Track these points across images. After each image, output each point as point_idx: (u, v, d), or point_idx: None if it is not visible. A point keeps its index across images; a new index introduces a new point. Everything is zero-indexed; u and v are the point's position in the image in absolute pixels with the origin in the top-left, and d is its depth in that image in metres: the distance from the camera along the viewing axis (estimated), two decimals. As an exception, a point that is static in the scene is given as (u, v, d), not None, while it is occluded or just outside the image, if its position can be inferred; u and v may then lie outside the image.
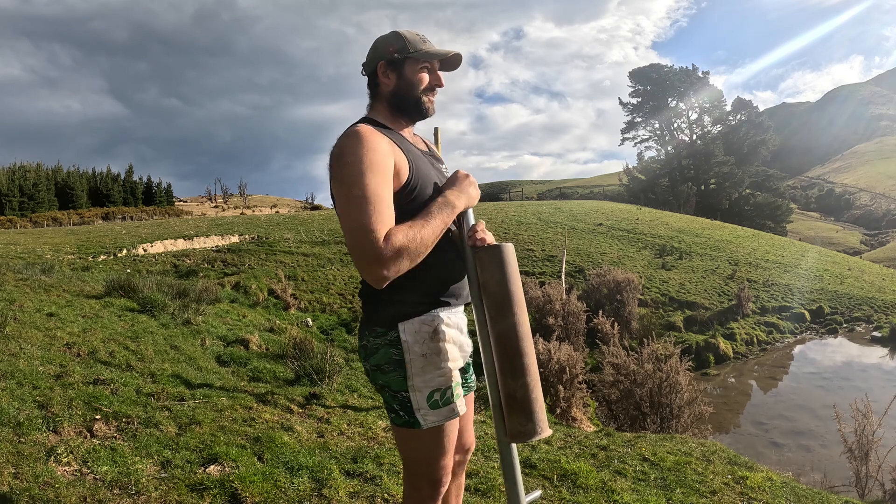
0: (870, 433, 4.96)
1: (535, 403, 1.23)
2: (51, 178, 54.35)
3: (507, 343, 1.24)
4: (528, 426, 1.22)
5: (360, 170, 1.25)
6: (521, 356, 1.23)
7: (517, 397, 1.22)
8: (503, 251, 1.29)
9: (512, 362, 1.23)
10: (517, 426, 1.23)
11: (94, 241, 15.91)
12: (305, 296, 11.21)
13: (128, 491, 2.29)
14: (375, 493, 2.67)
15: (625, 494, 3.03)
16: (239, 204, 68.48)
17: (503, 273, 1.27)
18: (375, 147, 1.29)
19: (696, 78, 55.50)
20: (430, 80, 1.47)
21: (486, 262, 1.28)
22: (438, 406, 1.37)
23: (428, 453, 1.41)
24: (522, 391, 1.22)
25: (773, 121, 66.99)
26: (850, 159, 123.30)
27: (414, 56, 1.42)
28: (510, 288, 1.27)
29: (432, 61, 1.46)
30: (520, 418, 1.23)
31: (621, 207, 34.90)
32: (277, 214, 36.28)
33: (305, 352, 5.26)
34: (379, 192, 1.24)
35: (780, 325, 14.61)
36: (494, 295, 1.26)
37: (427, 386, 1.36)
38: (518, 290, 1.28)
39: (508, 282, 1.27)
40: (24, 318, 4.58)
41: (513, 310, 1.25)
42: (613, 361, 6.85)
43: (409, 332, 1.36)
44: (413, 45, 1.43)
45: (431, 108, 1.48)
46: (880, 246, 55.77)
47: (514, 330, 1.24)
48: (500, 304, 1.25)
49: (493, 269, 1.27)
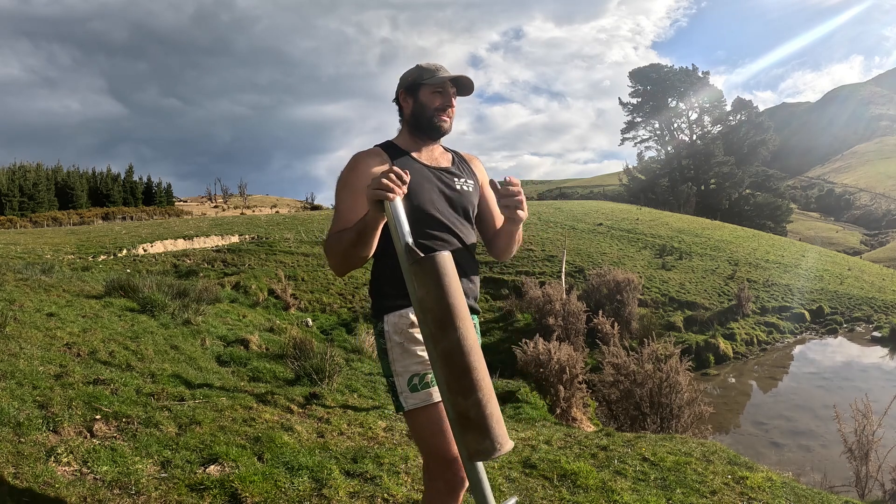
0: (870, 433, 4.96)
1: (489, 419, 1.15)
2: (51, 178, 54.37)
3: (453, 361, 1.16)
4: (486, 444, 1.15)
5: (338, 187, 1.60)
6: (469, 372, 1.15)
7: (470, 416, 1.15)
8: (437, 263, 1.19)
9: (460, 381, 1.16)
10: (474, 445, 1.16)
11: (94, 241, 15.91)
12: (305, 296, 11.21)
13: (128, 491, 2.29)
14: (375, 493, 2.68)
15: (625, 494, 3.03)
16: (239, 204, 68.50)
17: (440, 288, 1.17)
18: (356, 169, 1.59)
19: (696, 78, 55.51)
20: (441, 101, 1.66)
21: (420, 275, 1.19)
22: (417, 389, 1.51)
23: (423, 433, 1.53)
24: (475, 409, 1.14)
25: (773, 121, 67.02)
26: (850, 159, 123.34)
27: (428, 82, 1.64)
28: (449, 302, 1.17)
29: (444, 86, 1.66)
30: (476, 437, 1.16)
31: (621, 207, 34.91)
32: (277, 214, 36.29)
33: (305, 352, 5.25)
34: (340, 206, 1.57)
35: (780, 326, 14.62)
36: (433, 311, 1.18)
37: (407, 371, 1.53)
38: (459, 302, 1.18)
39: (447, 296, 1.17)
40: (24, 318, 4.58)
41: (454, 325, 1.16)
42: (613, 361, 6.85)
43: (390, 323, 1.56)
44: (427, 72, 1.66)
45: (445, 125, 1.68)
46: (880, 246, 55.81)
47: (459, 346, 1.16)
48: (440, 320, 1.17)
49: (428, 284, 1.18)
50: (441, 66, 1.68)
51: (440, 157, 1.73)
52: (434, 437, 1.49)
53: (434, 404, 1.50)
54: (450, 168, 1.71)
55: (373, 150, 1.67)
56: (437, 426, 1.49)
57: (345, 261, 1.49)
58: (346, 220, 1.51)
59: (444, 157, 1.74)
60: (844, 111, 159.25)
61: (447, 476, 1.50)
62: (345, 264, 1.50)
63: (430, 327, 1.19)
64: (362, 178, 1.52)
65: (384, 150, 1.66)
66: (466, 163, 1.80)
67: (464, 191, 1.68)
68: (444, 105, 1.66)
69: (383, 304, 1.58)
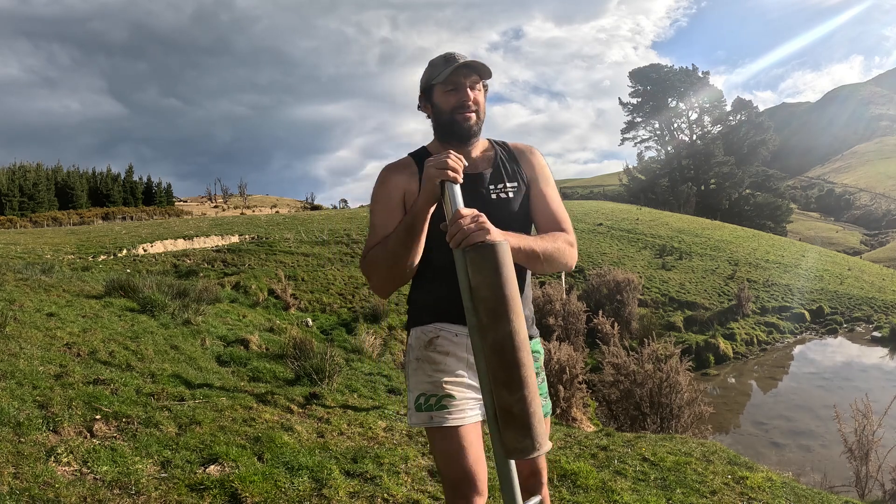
0: (870, 433, 4.96)
1: (532, 418, 1.12)
2: (51, 178, 54.38)
3: (503, 353, 1.13)
4: (526, 442, 1.12)
5: (372, 203, 1.53)
6: (519, 367, 1.12)
7: (514, 412, 1.11)
8: (497, 251, 1.15)
9: (508, 374, 1.12)
10: (514, 442, 1.13)
11: (94, 241, 15.92)
12: (305, 296, 11.21)
13: (128, 491, 2.29)
14: (375, 493, 2.67)
15: (625, 494, 3.03)
16: (239, 204, 68.51)
17: (497, 276, 1.13)
18: (387, 183, 1.51)
19: (696, 78, 55.50)
20: (456, 98, 1.46)
21: (477, 263, 1.15)
22: (421, 410, 1.44)
23: (435, 452, 1.47)
24: (520, 405, 1.11)
25: (773, 121, 67.05)
26: (850, 159, 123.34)
27: (437, 81, 1.47)
28: (506, 292, 1.13)
29: (456, 79, 1.45)
30: (517, 434, 1.12)
31: (621, 207, 34.91)
32: (277, 214, 36.30)
33: (305, 352, 5.25)
34: (374, 221, 1.49)
35: (780, 326, 14.62)
36: (487, 301, 1.14)
37: (417, 388, 1.46)
38: (514, 294, 1.15)
39: (504, 286, 1.13)
40: (24, 318, 4.58)
41: (509, 317, 1.13)
42: (613, 361, 6.85)
43: (413, 337, 1.53)
44: (436, 69, 1.47)
45: (468, 125, 1.48)
46: (880, 246, 55.82)
47: (511, 339, 1.13)
48: (493, 310, 1.13)
49: (485, 271, 1.14)
50: (453, 54, 1.48)
51: (478, 160, 1.55)
52: (445, 460, 1.43)
53: (434, 428, 1.43)
54: (486, 174, 1.53)
55: (402, 160, 1.55)
56: (449, 452, 1.42)
57: (392, 269, 1.38)
58: (381, 234, 1.44)
59: (483, 159, 1.55)
60: (844, 111, 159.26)
61: (450, 498, 1.44)
62: (391, 274, 1.40)
63: (482, 317, 1.15)
64: (394, 192, 1.48)
65: (414, 160, 1.53)
66: (515, 160, 1.58)
67: (500, 199, 1.50)
68: (461, 101, 1.46)
69: (412, 317, 1.56)
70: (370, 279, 1.46)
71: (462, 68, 1.45)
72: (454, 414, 1.43)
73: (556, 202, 1.57)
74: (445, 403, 1.43)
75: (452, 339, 1.47)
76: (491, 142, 1.60)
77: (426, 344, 1.47)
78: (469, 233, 1.16)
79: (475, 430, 1.46)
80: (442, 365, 1.45)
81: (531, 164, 1.58)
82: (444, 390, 1.44)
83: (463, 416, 1.44)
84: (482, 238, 1.16)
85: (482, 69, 1.48)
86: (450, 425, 1.42)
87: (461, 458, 1.42)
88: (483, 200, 1.47)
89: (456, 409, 1.43)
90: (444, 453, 1.42)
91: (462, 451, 1.42)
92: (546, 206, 1.54)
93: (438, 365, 1.45)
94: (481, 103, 1.50)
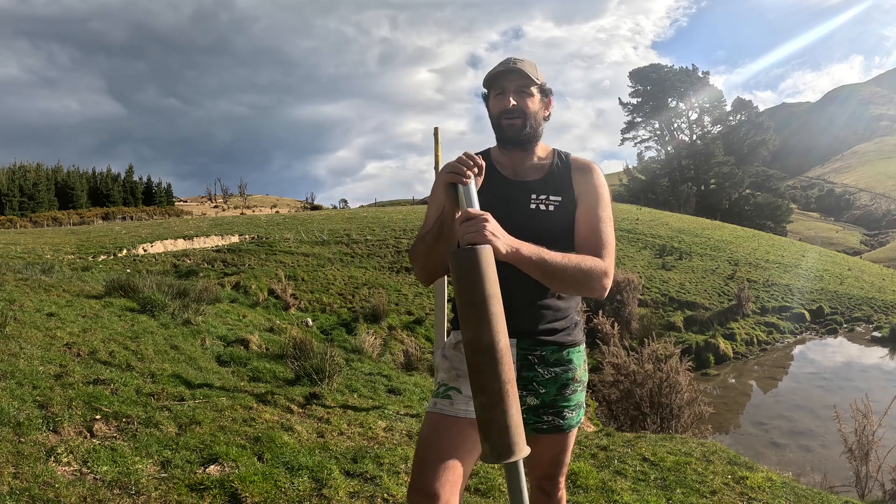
0: (870, 433, 4.96)
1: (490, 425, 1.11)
2: (51, 178, 54.39)
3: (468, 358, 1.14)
4: (485, 447, 1.13)
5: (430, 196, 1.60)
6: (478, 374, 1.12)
7: (478, 416, 1.13)
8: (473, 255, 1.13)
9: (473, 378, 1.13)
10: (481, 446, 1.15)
11: (94, 241, 15.91)
12: (305, 296, 11.21)
13: (128, 491, 2.29)
14: (375, 493, 2.68)
15: (625, 494, 3.03)
16: (239, 204, 68.53)
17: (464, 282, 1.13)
18: (439, 177, 1.45)
19: (696, 78, 55.52)
20: (502, 104, 1.48)
21: (455, 266, 1.14)
22: (436, 396, 1.51)
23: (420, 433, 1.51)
24: (479, 411, 1.12)
25: (773, 121, 67.08)
26: (850, 159, 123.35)
27: (488, 86, 1.53)
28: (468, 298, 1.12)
29: (502, 83, 1.48)
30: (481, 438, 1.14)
31: (621, 207, 34.91)
32: (277, 214, 36.29)
33: (305, 352, 5.25)
34: (426, 213, 1.55)
35: (780, 326, 14.62)
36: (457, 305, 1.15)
37: (438, 378, 1.58)
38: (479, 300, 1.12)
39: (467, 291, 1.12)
40: (24, 318, 4.58)
41: (469, 323, 1.12)
42: (613, 361, 6.85)
43: (452, 336, 1.60)
44: (488, 76, 1.51)
45: (512, 131, 1.48)
46: (880, 246, 55.84)
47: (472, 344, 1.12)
48: (460, 316, 1.14)
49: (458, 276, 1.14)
50: (509, 59, 1.50)
51: (529, 168, 1.53)
52: (420, 442, 1.44)
53: (434, 413, 1.47)
54: (532, 183, 1.51)
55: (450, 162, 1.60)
56: (426, 435, 1.44)
57: (427, 261, 1.42)
58: (425, 229, 1.49)
59: (536, 167, 1.54)
60: (844, 111, 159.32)
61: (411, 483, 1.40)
62: (428, 265, 1.43)
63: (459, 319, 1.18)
64: (437, 188, 1.50)
65: None
66: (569, 174, 1.53)
67: (539, 211, 1.46)
68: (504, 107, 1.46)
69: (453, 320, 1.63)
70: (413, 267, 1.53)
71: (508, 73, 1.46)
72: (455, 405, 1.46)
73: (602, 226, 1.46)
74: (451, 395, 1.48)
75: None
76: (554, 151, 1.58)
77: (454, 344, 1.56)
78: (464, 233, 1.15)
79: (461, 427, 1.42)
80: (461, 363, 1.50)
81: (585, 180, 1.51)
82: (455, 384, 1.49)
83: (457, 410, 1.45)
84: (476, 240, 1.14)
85: (526, 75, 1.45)
86: (437, 411, 1.46)
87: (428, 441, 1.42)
88: (521, 209, 1.46)
89: (451, 399, 1.47)
90: (424, 436, 1.44)
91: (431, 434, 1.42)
92: (587, 227, 1.46)
93: (458, 363, 1.51)
94: (531, 109, 1.47)
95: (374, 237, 17.22)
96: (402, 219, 21.64)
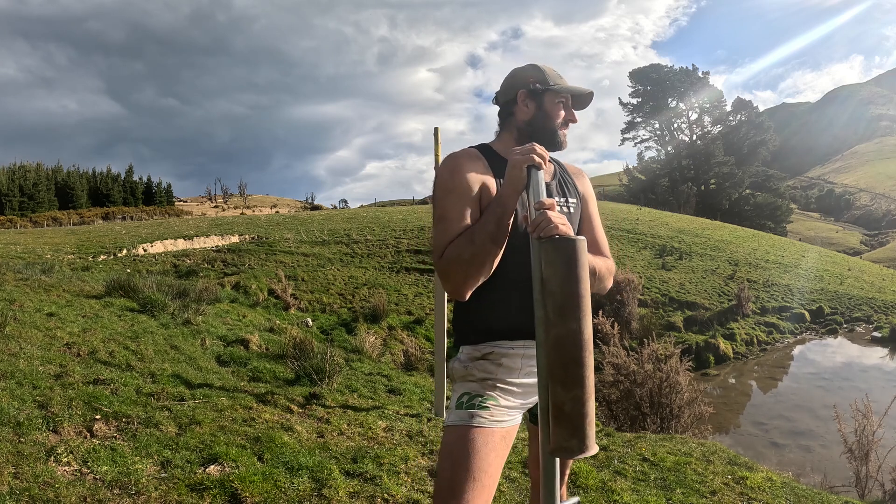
0: (870, 433, 4.96)
1: (583, 419, 1.10)
2: (51, 178, 54.38)
3: (563, 350, 1.11)
4: (572, 443, 1.10)
5: (441, 193, 1.39)
6: (578, 365, 1.10)
7: (565, 410, 1.10)
8: (572, 246, 1.11)
9: (565, 371, 1.10)
10: (560, 440, 1.11)
11: (94, 241, 15.91)
12: (305, 296, 11.20)
13: (128, 491, 2.29)
14: (375, 493, 2.67)
15: (625, 494, 3.03)
16: (239, 204, 68.50)
17: (569, 272, 1.11)
18: (461, 172, 1.38)
19: (696, 78, 55.50)
20: (566, 115, 1.50)
21: (551, 256, 1.12)
22: (462, 407, 1.40)
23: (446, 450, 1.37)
24: (571, 404, 1.10)
25: (773, 121, 67.03)
26: (850, 159, 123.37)
27: (554, 89, 1.47)
28: (575, 289, 1.11)
29: (567, 97, 1.49)
30: (564, 433, 1.10)
31: (621, 207, 34.92)
32: (277, 214, 36.28)
33: (305, 352, 5.25)
34: (449, 214, 1.34)
35: (780, 326, 14.61)
36: (555, 295, 1.11)
37: (462, 389, 1.44)
38: (584, 292, 1.12)
39: (574, 282, 1.11)
40: (24, 318, 4.58)
41: (575, 314, 1.11)
42: (613, 361, 6.84)
43: (464, 353, 1.48)
44: (552, 78, 1.48)
45: (565, 141, 1.51)
46: (880, 246, 55.86)
47: (573, 337, 1.11)
48: (560, 306, 1.11)
49: (556, 265, 1.11)
50: (560, 72, 1.52)
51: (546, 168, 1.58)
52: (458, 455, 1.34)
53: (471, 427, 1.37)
54: (550, 184, 1.51)
55: (469, 151, 1.47)
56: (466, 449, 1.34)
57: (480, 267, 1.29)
58: (459, 228, 1.33)
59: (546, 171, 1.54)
60: (844, 111, 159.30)
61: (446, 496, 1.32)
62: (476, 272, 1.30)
63: (548, 311, 1.12)
64: (473, 182, 1.37)
65: (482, 154, 1.47)
66: (571, 177, 1.58)
67: (562, 213, 1.45)
68: (568, 119, 1.50)
69: (462, 336, 1.49)
70: (448, 279, 1.33)
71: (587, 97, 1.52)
72: (496, 417, 1.40)
73: (601, 227, 1.61)
74: (488, 406, 1.41)
75: (508, 352, 1.44)
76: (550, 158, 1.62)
77: (480, 356, 1.45)
78: (551, 222, 1.13)
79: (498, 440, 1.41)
80: (495, 375, 1.43)
81: (584, 184, 1.61)
82: (486, 392, 1.42)
83: (501, 422, 1.41)
84: (563, 231, 1.13)
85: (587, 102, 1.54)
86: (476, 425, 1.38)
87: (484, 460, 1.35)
88: None
89: (488, 410, 1.41)
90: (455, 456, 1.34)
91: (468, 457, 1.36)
92: (592, 229, 1.57)
93: (487, 374, 1.43)
94: None
95: (374, 237, 17.22)
96: (402, 219, 21.65)
